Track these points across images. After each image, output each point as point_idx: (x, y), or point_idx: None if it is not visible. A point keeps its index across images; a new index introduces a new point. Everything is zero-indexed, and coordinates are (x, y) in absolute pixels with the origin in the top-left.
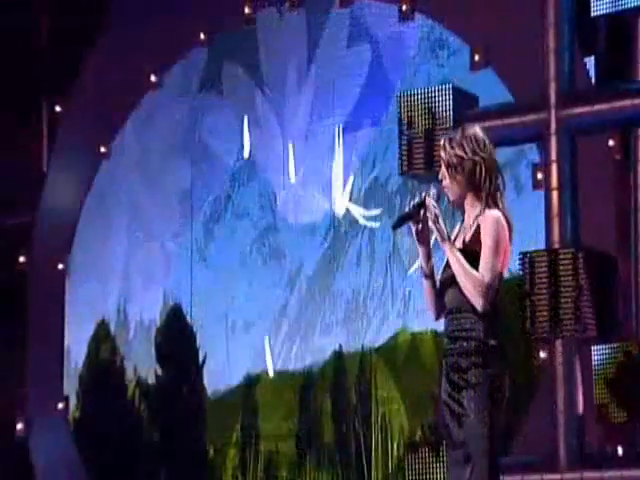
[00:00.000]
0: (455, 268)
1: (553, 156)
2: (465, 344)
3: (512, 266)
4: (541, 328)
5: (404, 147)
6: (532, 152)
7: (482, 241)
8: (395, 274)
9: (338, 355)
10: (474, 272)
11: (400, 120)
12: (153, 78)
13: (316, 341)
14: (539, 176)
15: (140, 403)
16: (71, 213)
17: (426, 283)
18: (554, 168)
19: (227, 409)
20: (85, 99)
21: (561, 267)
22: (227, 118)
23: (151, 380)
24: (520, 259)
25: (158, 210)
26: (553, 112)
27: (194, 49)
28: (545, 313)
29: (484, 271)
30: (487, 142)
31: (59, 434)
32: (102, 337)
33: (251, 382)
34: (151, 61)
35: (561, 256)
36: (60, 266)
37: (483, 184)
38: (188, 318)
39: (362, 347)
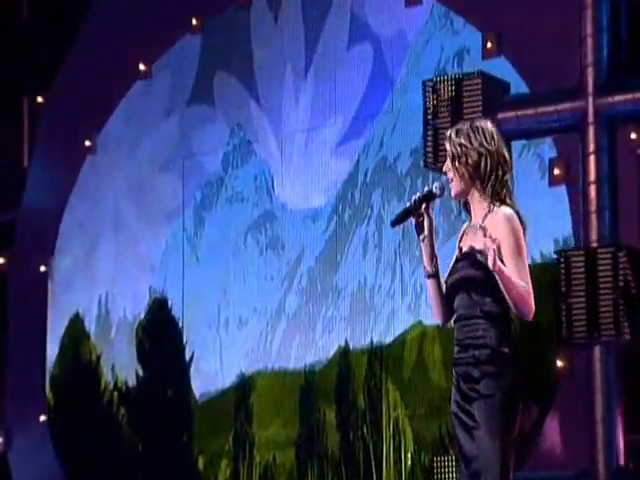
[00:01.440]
0: (504, 283)
1: (591, 147)
2: (477, 352)
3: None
4: (578, 333)
5: (429, 138)
6: (538, 145)
7: (498, 242)
8: (405, 264)
9: (343, 353)
10: (519, 282)
11: (425, 109)
12: (142, 67)
13: (318, 339)
14: (556, 171)
15: (118, 408)
16: (54, 211)
17: (430, 284)
18: (592, 160)
19: (218, 414)
20: (69, 89)
21: (600, 267)
22: (219, 127)
23: (131, 382)
24: (556, 259)
25: (146, 208)
26: (591, 100)
27: (186, 36)
28: (582, 317)
29: (516, 276)
30: (496, 135)
31: (42, 449)
32: (76, 333)
33: (245, 384)
34: (140, 48)
35: (600, 255)
36: (42, 268)
37: (488, 178)
38: (175, 314)
39: (371, 344)
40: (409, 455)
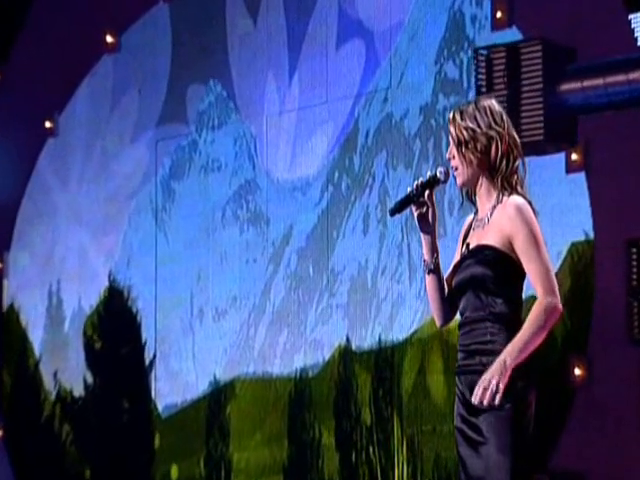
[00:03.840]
0: (526, 352)
1: None
2: (485, 359)
3: None
4: None
5: None
6: None
7: (510, 236)
8: (414, 242)
9: (343, 353)
10: (537, 319)
11: (478, 82)
12: (110, 39)
13: (311, 333)
14: (574, 157)
15: (62, 425)
16: (11, 200)
17: (430, 280)
18: None
19: (186, 431)
20: (27, 64)
21: None
22: (192, 83)
23: (78, 392)
24: (626, 250)
25: (112, 193)
26: None
27: (156, 6)
28: None
29: (536, 277)
30: (504, 116)
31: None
32: (10, 330)
33: (221, 392)
34: (108, 19)
35: None
36: None
37: (499, 165)
38: (135, 305)
39: (379, 341)
40: None
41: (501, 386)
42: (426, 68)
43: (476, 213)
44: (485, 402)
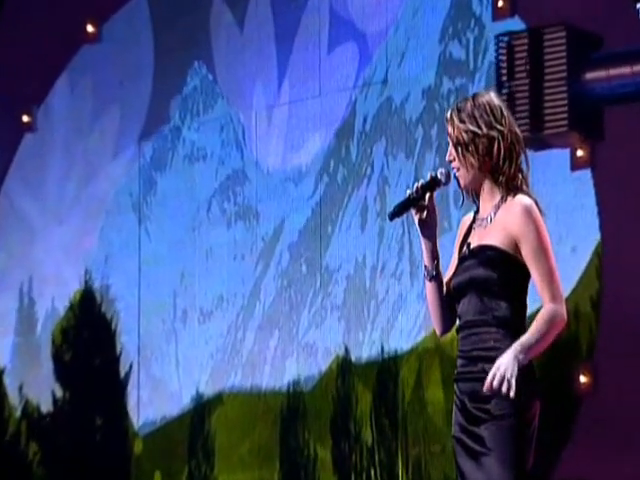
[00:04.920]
0: (536, 351)
1: None
2: (487, 367)
3: None
4: None
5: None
6: None
7: (517, 238)
8: (416, 238)
9: (341, 364)
10: (541, 328)
11: (499, 70)
12: (90, 28)
13: (303, 337)
14: (579, 153)
15: (28, 443)
16: None
17: (430, 287)
18: None
19: (166, 450)
20: (4, 54)
21: None
22: (174, 66)
23: (46, 407)
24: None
25: (96, 191)
26: None
27: None
28: None
29: (542, 283)
30: (505, 110)
31: None
32: None
33: (204, 406)
34: (88, 7)
35: None
36: None
37: (502, 166)
38: (110, 310)
39: (381, 350)
40: None
41: (514, 380)
42: (429, 48)
43: (476, 212)
44: (503, 388)
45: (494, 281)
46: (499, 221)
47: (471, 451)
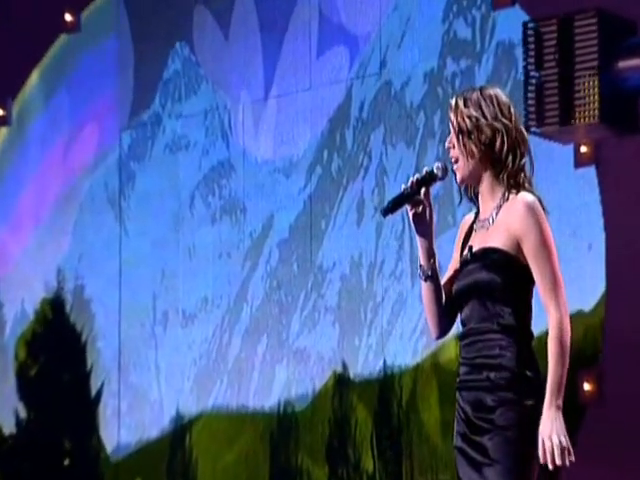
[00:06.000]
0: (562, 382)
1: None
2: (492, 375)
3: None
4: None
5: (532, 95)
6: None
7: (519, 237)
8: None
9: (338, 381)
10: (558, 357)
11: (526, 59)
12: (69, 17)
13: (294, 342)
14: (583, 149)
15: None
16: None
17: (426, 288)
18: None
19: (142, 477)
20: None
21: None
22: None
23: (8, 429)
24: None
25: (75, 189)
26: None
27: None
28: None
29: (545, 286)
30: (512, 108)
31: None
32: None
33: (185, 428)
34: None
35: None
36: None
37: (505, 160)
38: (87, 312)
39: (380, 355)
40: None
41: (567, 441)
42: (432, 27)
43: (477, 213)
44: (566, 461)
45: (498, 285)
46: (501, 222)
47: (473, 462)
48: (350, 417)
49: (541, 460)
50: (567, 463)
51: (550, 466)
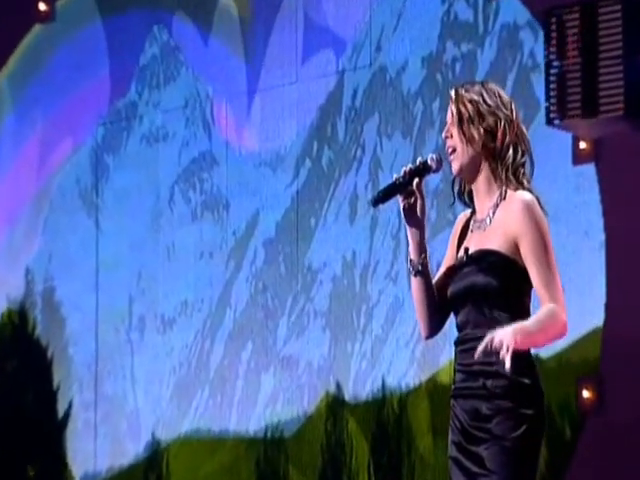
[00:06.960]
0: (532, 343)
1: None
2: (490, 382)
3: None
4: None
5: (554, 85)
6: None
7: (516, 237)
8: None
9: (331, 403)
10: (542, 322)
11: (548, 48)
12: (43, 6)
13: (282, 348)
14: (582, 145)
15: None
16: None
17: (416, 283)
18: None
19: None
20: None
21: None
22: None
23: None
24: None
25: (54, 185)
26: None
27: None
28: None
29: (542, 285)
30: (514, 107)
31: None
32: None
33: (162, 454)
34: None
35: None
36: None
37: (505, 153)
38: (58, 314)
39: (382, 380)
40: None
41: (509, 352)
42: (430, 7)
43: (473, 212)
44: (502, 352)
45: (494, 289)
46: (498, 222)
47: (469, 472)
48: (344, 442)
49: (480, 348)
50: (501, 356)
51: (480, 350)
